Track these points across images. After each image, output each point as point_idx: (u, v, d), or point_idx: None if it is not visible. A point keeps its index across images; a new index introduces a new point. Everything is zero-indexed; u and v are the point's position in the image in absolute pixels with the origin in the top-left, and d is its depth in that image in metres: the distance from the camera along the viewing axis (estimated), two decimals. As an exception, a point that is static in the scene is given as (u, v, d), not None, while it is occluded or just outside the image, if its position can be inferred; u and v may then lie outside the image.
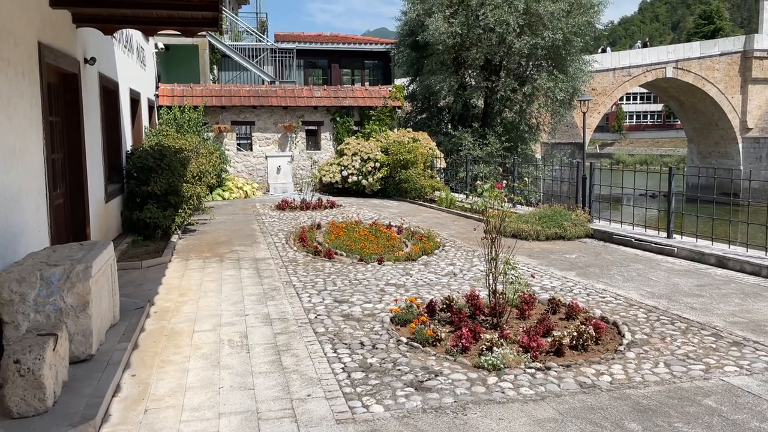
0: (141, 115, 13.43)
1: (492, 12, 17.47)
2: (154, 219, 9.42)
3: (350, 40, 27.74)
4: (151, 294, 6.38)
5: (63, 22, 6.86)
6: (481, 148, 18.50)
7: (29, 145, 5.46)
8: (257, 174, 18.24)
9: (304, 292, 6.52)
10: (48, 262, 4.41)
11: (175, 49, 19.93)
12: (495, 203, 5.11)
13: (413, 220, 11.62)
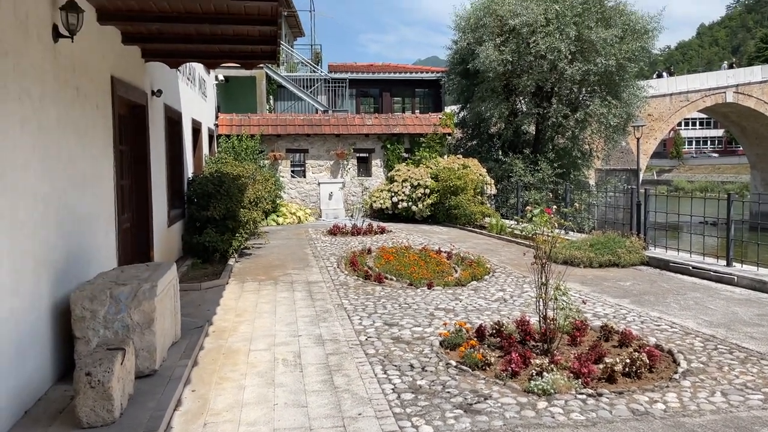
0: (202, 144, 14.02)
1: (543, 39, 17.52)
2: (213, 243, 9.79)
3: (401, 69, 28.19)
4: (209, 314, 6.63)
5: (133, 57, 7.34)
6: (532, 175, 18.42)
7: (101, 173, 5.84)
8: (310, 200, 18.64)
9: (355, 314, 6.65)
10: (117, 282, 4.69)
11: (234, 81, 20.75)
12: (544, 229, 5.13)
13: (463, 246, 11.64)
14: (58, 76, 4.69)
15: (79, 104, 5.20)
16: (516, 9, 17.96)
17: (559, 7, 17.64)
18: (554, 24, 17.61)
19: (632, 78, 19.02)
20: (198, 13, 5.73)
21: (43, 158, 4.31)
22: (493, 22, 18.57)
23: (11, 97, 3.78)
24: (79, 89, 5.21)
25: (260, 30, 6.42)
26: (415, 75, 27.04)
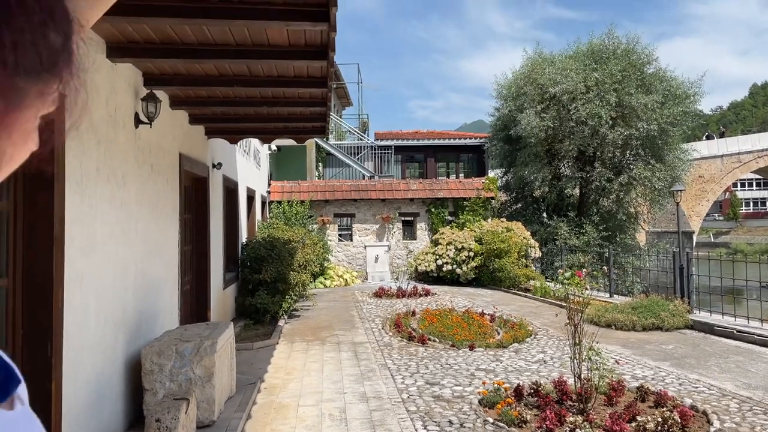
0: (255, 210, 14.82)
1: (584, 106, 17.96)
2: (264, 304, 10.31)
3: (445, 135, 29.01)
4: (261, 372, 7.05)
5: (198, 135, 8.13)
6: (577, 237, 18.48)
7: (169, 240, 6.48)
8: (356, 263, 19.14)
9: (398, 374, 6.94)
10: (181, 339, 5.19)
11: (285, 149, 21.87)
12: (576, 290, 5.41)
13: (506, 308, 11.81)
14: (138, 157, 5.38)
15: (153, 180, 5.88)
16: (556, 77, 18.54)
17: (599, 75, 18.14)
18: (594, 91, 18.08)
19: (676, 141, 19.14)
20: (257, 97, 6.44)
21: (124, 230, 4.93)
22: (534, 90, 19.18)
23: (102, 178, 4.43)
24: (153, 166, 5.90)
25: (312, 110, 7.09)
26: (458, 141, 27.78)
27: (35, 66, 0.49)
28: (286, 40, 4.47)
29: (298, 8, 3.69)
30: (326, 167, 26.25)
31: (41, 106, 0.52)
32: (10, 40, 0.47)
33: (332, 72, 5.15)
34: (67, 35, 0.52)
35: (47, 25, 0.50)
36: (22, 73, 0.48)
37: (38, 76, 0.50)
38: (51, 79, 0.51)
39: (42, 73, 0.50)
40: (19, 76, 0.48)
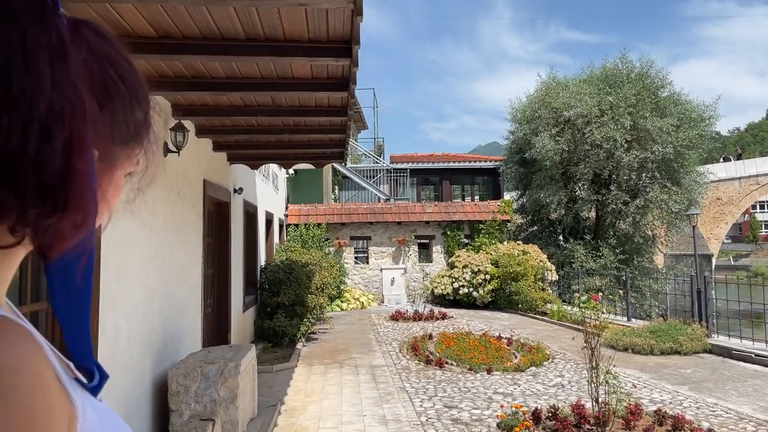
0: (273, 233, 15.03)
1: (598, 129, 18.06)
2: (283, 327, 10.44)
3: (460, 158, 29.19)
4: (281, 394, 7.16)
5: (221, 161, 8.36)
6: (594, 260, 18.44)
7: (193, 264, 6.66)
8: (373, 286, 19.23)
9: (416, 397, 7.02)
10: (206, 361, 5.34)
11: (302, 173, 22.15)
12: (593, 314, 5.49)
13: (523, 332, 11.82)
14: (165, 184, 5.59)
15: (179, 206, 6.08)
16: (570, 101, 18.68)
17: (613, 98, 18.26)
18: (609, 114, 18.18)
19: (692, 164, 19.13)
20: (279, 126, 6.65)
21: (153, 255, 5.12)
22: (548, 114, 19.33)
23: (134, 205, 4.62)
24: (179, 192, 6.11)
25: (331, 137, 7.29)
26: (473, 164, 27.93)
27: (125, 137, 0.66)
28: (309, 74, 4.68)
29: (322, 45, 3.88)
30: (342, 190, 26.50)
31: (128, 166, 0.69)
32: (108, 119, 0.63)
33: (352, 102, 5.34)
34: (147, 112, 0.70)
35: (134, 107, 0.67)
36: (117, 142, 0.65)
37: (127, 144, 0.67)
38: (136, 145, 0.68)
39: (130, 142, 0.67)
40: (114, 144, 0.65)
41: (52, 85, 0.54)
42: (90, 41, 0.63)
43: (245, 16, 3.43)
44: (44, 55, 0.54)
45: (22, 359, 0.53)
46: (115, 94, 0.64)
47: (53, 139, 0.53)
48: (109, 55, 0.64)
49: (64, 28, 0.58)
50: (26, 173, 0.53)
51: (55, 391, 0.55)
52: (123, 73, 0.65)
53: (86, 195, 0.57)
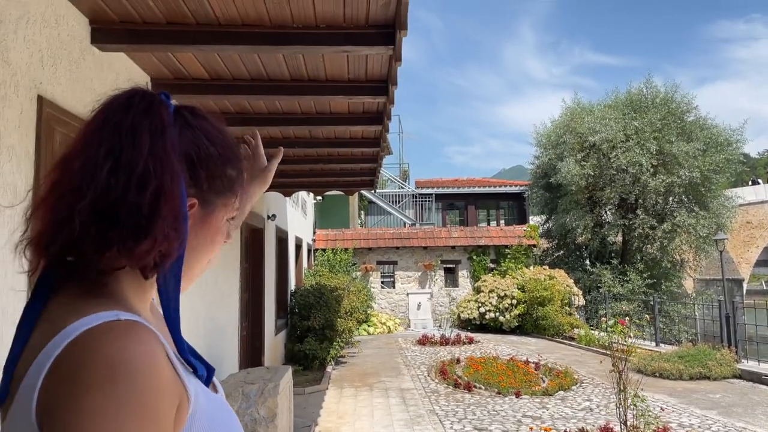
0: (302, 258, 15.35)
1: (624, 154, 18.12)
2: (313, 351, 10.67)
3: (485, 183, 29.36)
4: (314, 416, 7.36)
5: (256, 190, 8.70)
6: (621, 285, 18.36)
7: (232, 288, 6.96)
8: (399, 310, 19.38)
9: (446, 419, 7.16)
10: (245, 381, 5.58)
11: (329, 198, 22.51)
12: (620, 338, 5.62)
13: (551, 356, 11.86)
14: (209, 213, 5.92)
15: (220, 233, 6.40)
16: (595, 126, 18.81)
17: (638, 123, 18.35)
18: (634, 139, 18.25)
19: (719, 188, 19.04)
20: (314, 156, 6.96)
21: (199, 282, 5.41)
22: (573, 139, 19.46)
23: (183, 233, 4.95)
24: (220, 221, 6.44)
25: (362, 166, 7.59)
26: (499, 189, 28.07)
27: (220, 189, 0.91)
28: (346, 109, 4.98)
29: (360, 85, 4.18)
30: (368, 215, 26.83)
31: (225, 212, 0.91)
32: (206, 175, 0.88)
33: (386, 134, 5.63)
34: (240, 170, 0.95)
35: (225, 165, 0.91)
36: (213, 193, 0.90)
37: (223, 194, 0.89)
38: (231, 195, 0.91)
39: (225, 192, 0.90)
40: (211, 194, 0.87)
41: (149, 154, 0.77)
42: (187, 119, 0.86)
43: (292, 60, 3.75)
44: (146, 135, 0.78)
45: (138, 351, 0.68)
46: (206, 155, 0.85)
47: (146, 191, 0.75)
48: (202, 127, 0.87)
49: (167, 113, 0.82)
50: (126, 214, 0.74)
51: (166, 375, 0.71)
52: (213, 139, 0.87)
53: (167, 230, 0.76)
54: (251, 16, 3.11)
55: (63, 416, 0.64)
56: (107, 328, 0.70)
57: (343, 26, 3.23)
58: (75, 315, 0.71)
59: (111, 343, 0.68)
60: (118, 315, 0.72)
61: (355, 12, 3.10)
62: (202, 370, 0.83)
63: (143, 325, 0.72)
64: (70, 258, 0.77)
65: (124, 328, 0.70)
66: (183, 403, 0.74)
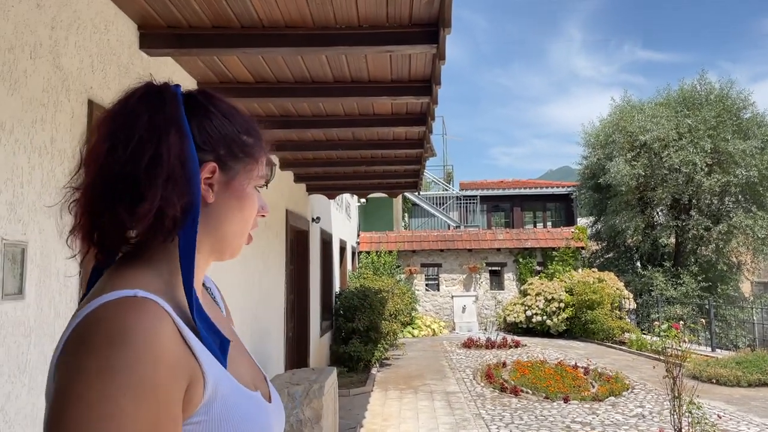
0: (346, 260, 15.41)
1: (676, 153, 17.55)
2: (358, 353, 10.68)
3: (531, 184, 28.91)
4: (359, 418, 7.36)
5: (300, 192, 8.79)
6: (674, 288, 17.77)
7: (277, 289, 7.03)
8: (443, 313, 19.25)
9: (492, 424, 7.05)
10: (291, 382, 5.62)
11: (372, 201, 22.58)
12: (674, 343, 5.41)
13: (600, 361, 11.56)
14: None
15: (265, 234, 6.47)
16: (646, 125, 18.28)
17: (692, 121, 17.74)
18: (687, 138, 17.65)
19: (779, 188, 18.22)
20: (357, 158, 6.97)
21: (244, 281, 5.49)
22: (623, 138, 18.96)
23: (229, 234, 5.02)
24: (266, 223, 6.50)
25: (406, 168, 7.55)
26: (545, 190, 27.59)
27: (239, 155, 0.92)
28: (389, 110, 4.96)
29: (403, 85, 4.15)
30: (412, 217, 26.76)
31: (249, 179, 0.93)
32: (222, 143, 0.89)
33: (429, 135, 5.58)
34: (257, 138, 0.95)
35: (243, 133, 0.92)
36: (231, 158, 0.90)
37: (241, 160, 0.91)
38: (251, 161, 0.93)
39: (245, 158, 0.92)
40: (229, 160, 0.90)
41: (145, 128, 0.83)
42: (197, 99, 0.91)
43: (335, 62, 3.75)
44: (144, 113, 0.84)
45: (139, 321, 0.72)
46: (219, 125, 0.90)
47: (141, 160, 0.81)
48: (213, 103, 0.91)
49: (170, 94, 0.87)
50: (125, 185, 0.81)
51: (169, 349, 0.73)
52: (225, 112, 0.92)
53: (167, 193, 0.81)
54: (294, 18, 3.12)
55: (61, 374, 0.71)
56: (120, 303, 0.74)
57: (386, 26, 3.21)
58: (103, 290, 0.77)
59: (116, 314, 0.72)
60: (136, 292, 0.75)
61: (398, 11, 3.08)
62: (209, 338, 0.81)
63: (156, 302, 0.75)
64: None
65: (135, 303, 0.74)
66: (195, 383, 0.76)
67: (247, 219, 0.93)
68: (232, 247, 0.93)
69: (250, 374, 0.94)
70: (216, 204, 0.89)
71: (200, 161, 0.86)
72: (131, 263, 0.83)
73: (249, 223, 0.94)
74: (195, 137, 0.86)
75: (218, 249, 0.92)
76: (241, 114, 0.95)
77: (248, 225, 0.94)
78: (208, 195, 0.88)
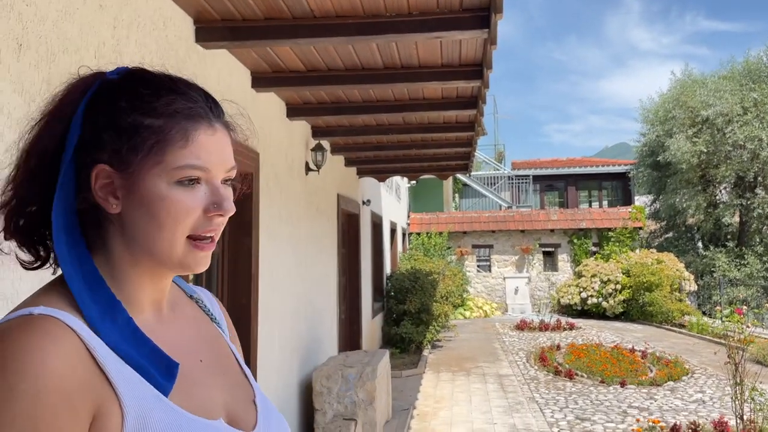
0: (396, 242, 15.49)
1: (741, 129, 16.79)
2: (409, 334, 10.77)
3: (586, 162, 28.20)
4: (412, 399, 7.45)
5: (351, 176, 8.85)
6: (738, 269, 17.11)
7: (330, 273, 7.14)
8: (495, 294, 19.13)
9: (546, 407, 7.01)
10: (345, 364, 5.73)
11: (422, 182, 22.45)
12: (736, 327, 5.24)
13: (659, 345, 11.29)
14: (307, 200, 6.08)
15: (318, 219, 6.57)
16: (708, 99, 17.52)
17: (758, 95, 16.89)
18: (753, 112, 16.84)
19: None
20: (407, 142, 6.97)
21: (297, 264, 5.61)
22: (684, 114, 18.24)
23: (283, 222, 5.12)
24: (318, 207, 6.60)
25: (457, 151, 7.51)
26: (600, 168, 26.87)
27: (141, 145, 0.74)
28: (439, 95, 4.93)
29: (454, 70, 4.11)
30: (463, 198, 26.56)
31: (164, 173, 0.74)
32: (123, 135, 0.73)
33: (480, 119, 5.52)
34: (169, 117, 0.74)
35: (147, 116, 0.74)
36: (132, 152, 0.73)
37: (145, 151, 0.73)
38: (157, 150, 0.73)
39: (150, 148, 0.74)
40: (131, 154, 0.73)
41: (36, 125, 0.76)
42: (111, 83, 0.76)
43: (385, 49, 3.75)
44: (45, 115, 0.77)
45: (21, 344, 0.63)
46: (115, 110, 0.74)
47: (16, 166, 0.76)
48: (124, 85, 0.76)
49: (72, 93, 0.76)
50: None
51: (64, 375, 0.63)
52: (131, 93, 0.75)
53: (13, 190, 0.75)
54: (345, 7, 3.13)
55: None
56: (12, 323, 0.66)
57: (437, 11, 3.18)
58: (23, 303, 0.70)
59: (3, 340, 0.64)
60: (33, 310, 0.66)
61: (448, -4, 3.05)
62: (141, 360, 0.70)
63: (53, 319, 0.66)
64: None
65: (24, 323, 0.65)
66: (107, 413, 0.65)
67: (168, 225, 0.74)
68: (170, 260, 0.76)
69: (221, 400, 0.81)
70: (125, 213, 0.74)
71: (91, 162, 0.73)
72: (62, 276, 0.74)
73: (175, 229, 0.74)
74: (83, 136, 0.73)
75: (155, 262, 0.76)
76: (157, 90, 0.75)
77: (174, 231, 0.74)
78: (107, 204, 0.74)
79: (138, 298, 0.77)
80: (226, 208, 0.77)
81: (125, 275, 0.76)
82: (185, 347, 0.81)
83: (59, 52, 2.32)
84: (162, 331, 0.78)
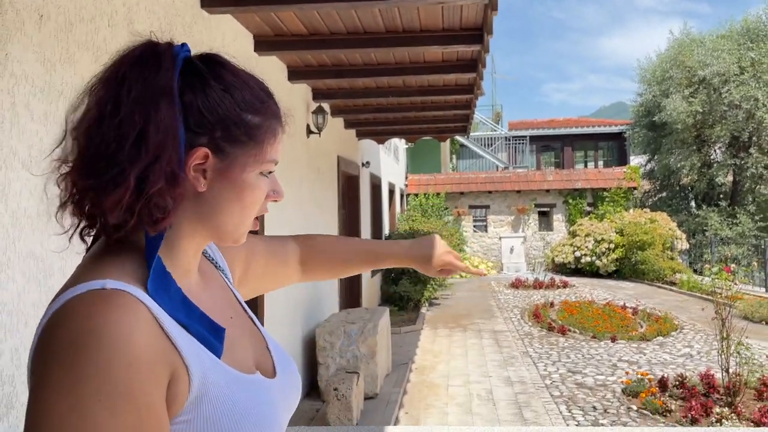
0: (395, 203, 15.64)
1: (737, 89, 16.80)
2: (407, 293, 11.02)
3: (582, 123, 28.18)
4: (410, 354, 7.71)
5: (351, 138, 8.93)
6: (729, 228, 17.37)
7: (331, 232, 7.30)
8: (491, 254, 19.41)
9: (539, 361, 7.29)
10: (347, 321, 5.95)
11: (420, 143, 22.44)
12: (723, 284, 5.45)
13: (650, 302, 11.59)
14: (308, 162, 6.19)
15: (319, 181, 6.70)
16: (706, 59, 17.47)
17: (755, 54, 16.85)
18: (749, 72, 16.83)
19: None
20: (407, 104, 7.04)
21: (301, 226, 5.76)
22: (681, 74, 18.20)
23: (285, 182, 5.25)
24: (319, 169, 6.72)
25: (456, 113, 7.58)
26: (597, 129, 26.87)
27: (239, 138, 0.77)
28: (440, 58, 5.00)
29: (455, 34, 4.19)
30: (460, 159, 26.61)
31: (253, 165, 0.79)
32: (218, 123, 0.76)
33: (480, 82, 5.60)
34: (267, 117, 0.80)
35: (246, 112, 0.78)
36: (229, 142, 0.77)
37: (242, 144, 0.77)
38: (255, 146, 0.79)
39: (246, 142, 0.78)
40: (227, 144, 0.77)
41: (133, 103, 0.71)
42: (198, 68, 0.77)
43: (387, 13, 3.81)
44: (134, 83, 0.72)
45: (107, 319, 0.64)
46: (218, 101, 0.76)
47: (125, 141, 0.70)
48: (216, 73, 0.78)
49: (167, 60, 0.75)
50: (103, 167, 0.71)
51: (144, 344, 0.65)
52: (229, 85, 0.77)
53: (133, 182, 0.70)
54: (348, -26, 3.19)
55: (33, 381, 0.65)
56: (86, 298, 0.66)
57: (438, -23, 3.25)
58: (76, 280, 0.70)
59: (82, 312, 0.65)
60: (104, 284, 0.67)
61: (449, -38, 3.11)
62: (199, 328, 0.74)
63: (127, 294, 0.68)
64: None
65: (102, 297, 0.66)
66: (178, 378, 0.69)
67: (248, 208, 0.81)
68: (232, 236, 0.83)
69: (251, 352, 0.87)
70: (209, 193, 0.78)
71: (191, 145, 0.74)
72: (109, 247, 0.75)
73: (251, 212, 0.82)
74: (186, 116, 0.74)
75: (215, 237, 0.82)
76: (250, 87, 0.81)
77: (250, 214, 0.82)
78: (198, 183, 0.76)
79: (184, 267, 0.81)
80: (282, 194, 0.88)
81: (180, 246, 0.79)
82: (219, 307, 0.86)
83: (76, 21, 2.41)
84: (199, 294, 0.82)
